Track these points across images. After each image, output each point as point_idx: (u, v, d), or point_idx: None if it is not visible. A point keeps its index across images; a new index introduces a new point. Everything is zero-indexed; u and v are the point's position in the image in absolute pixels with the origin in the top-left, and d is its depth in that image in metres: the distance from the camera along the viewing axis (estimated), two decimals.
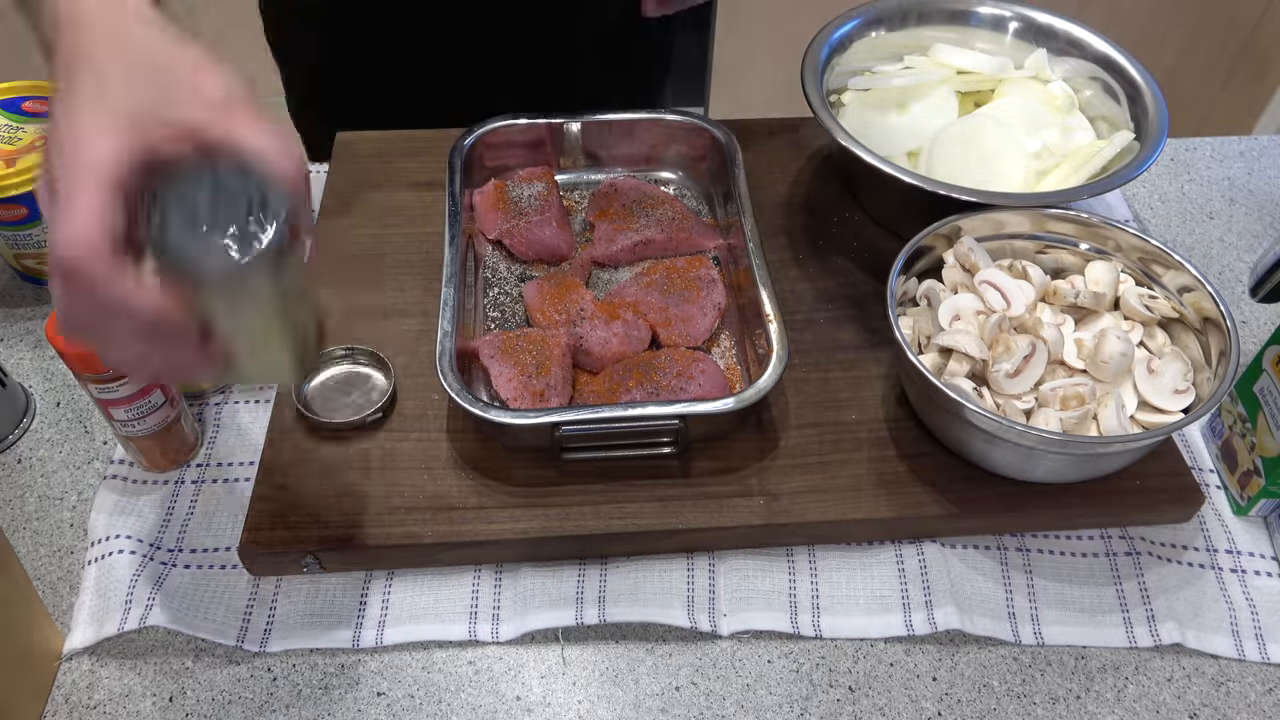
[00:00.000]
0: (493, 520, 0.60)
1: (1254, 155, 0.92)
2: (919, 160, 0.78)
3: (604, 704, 0.57)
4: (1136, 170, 0.70)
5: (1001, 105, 0.79)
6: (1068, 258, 0.68)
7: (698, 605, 0.60)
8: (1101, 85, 0.80)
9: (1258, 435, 0.63)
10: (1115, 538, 0.64)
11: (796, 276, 0.76)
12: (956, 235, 0.67)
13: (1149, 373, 0.61)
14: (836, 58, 0.81)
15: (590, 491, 0.62)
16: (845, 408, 0.67)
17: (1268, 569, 0.63)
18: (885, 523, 0.62)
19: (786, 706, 0.57)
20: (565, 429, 0.60)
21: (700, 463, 0.63)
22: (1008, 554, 0.63)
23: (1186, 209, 0.87)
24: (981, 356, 0.60)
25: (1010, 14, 0.84)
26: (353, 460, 0.63)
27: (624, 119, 0.81)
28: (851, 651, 0.59)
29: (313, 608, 0.60)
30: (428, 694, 0.57)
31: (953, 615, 0.59)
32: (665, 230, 0.75)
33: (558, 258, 0.76)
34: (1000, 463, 0.61)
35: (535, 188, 0.77)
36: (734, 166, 0.76)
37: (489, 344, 0.66)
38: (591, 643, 0.59)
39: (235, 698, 0.57)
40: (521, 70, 0.90)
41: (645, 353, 0.68)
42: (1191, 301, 0.64)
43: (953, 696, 0.57)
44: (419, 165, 0.83)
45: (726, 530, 0.61)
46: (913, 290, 0.67)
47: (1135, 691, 0.58)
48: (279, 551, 0.59)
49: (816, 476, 0.63)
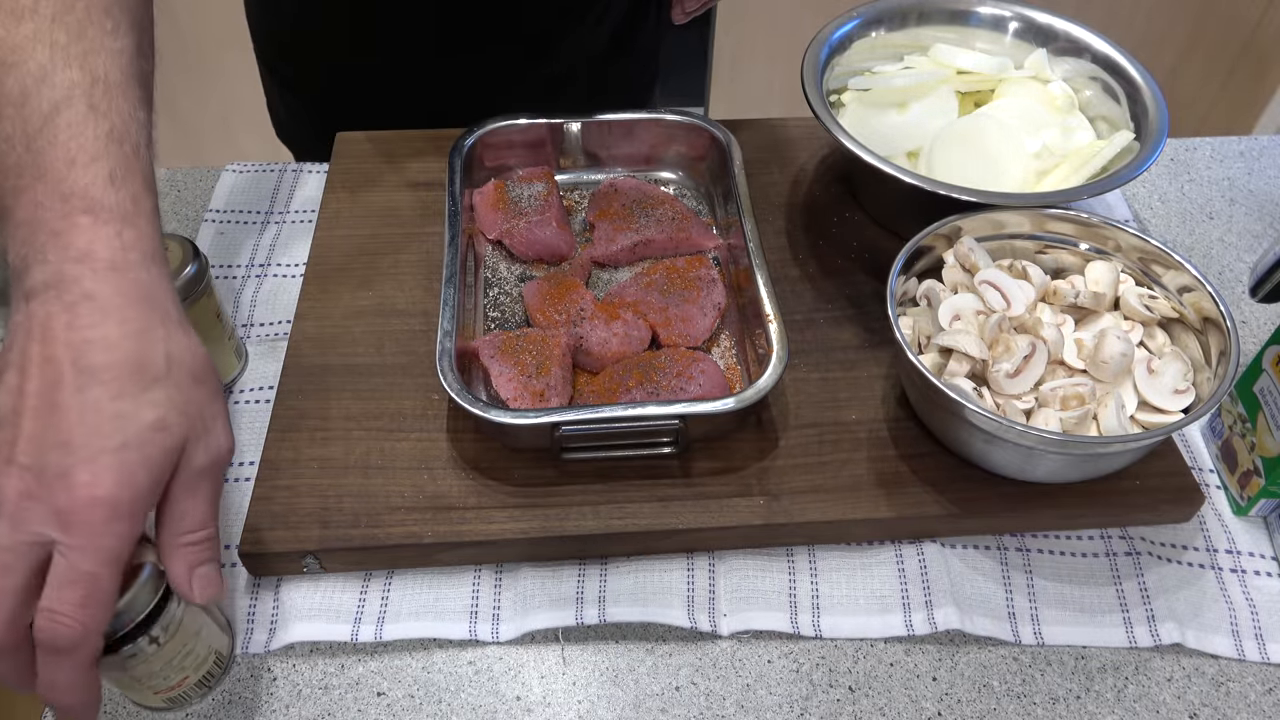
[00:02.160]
0: (493, 520, 0.60)
1: (1254, 155, 0.92)
2: (919, 160, 0.78)
3: (604, 704, 0.57)
4: (1136, 170, 0.70)
5: (1001, 105, 0.79)
6: (1068, 258, 0.68)
7: (698, 605, 0.60)
8: (1101, 85, 0.80)
9: (1258, 435, 0.63)
10: (1115, 538, 0.64)
11: (796, 276, 0.76)
12: (956, 235, 0.67)
13: (1149, 373, 0.61)
14: (836, 58, 0.81)
15: (590, 491, 0.62)
16: (845, 408, 0.67)
17: (1268, 569, 0.63)
18: (885, 523, 0.62)
19: (786, 706, 0.57)
20: (565, 429, 0.60)
21: (700, 463, 0.63)
22: (1008, 554, 0.63)
23: (1186, 209, 0.87)
24: (981, 356, 0.60)
25: (1010, 14, 0.84)
26: (353, 460, 0.63)
27: (624, 119, 0.81)
28: (851, 651, 0.59)
29: (313, 607, 0.60)
30: (428, 694, 0.57)
31: (953, 615, 0.59)
32: (665, 230, 0.75)
33: (558, 258, 0.76)
34: (1000, 463, 0.61)
35: (535, 188, 0.77)
36: (734, 166, 0.76)
37: (489, 344, 0.66)
38: (591, 643, 0.59)
39: (235, 697, 0.57)
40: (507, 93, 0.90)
41: (645, 353, 0.68)
42: (1191, 301, 0.64)
43: (953, 696, 0.57)
44: (419, 165, 0.83)
45: (726, 530, 0.61)
46: (913, 290, 0.67)
47: (1135, 691, 0.58)
48: (279, 551, 0.59)
49: (816, 476, 0.63)
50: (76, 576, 0.41)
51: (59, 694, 0.43)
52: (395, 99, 0.90)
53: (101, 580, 0.42)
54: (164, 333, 0.44)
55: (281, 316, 0.75)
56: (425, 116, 0.86)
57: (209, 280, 0.65)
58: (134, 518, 0.42)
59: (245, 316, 0.75)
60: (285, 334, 0.73)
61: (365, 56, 0.90)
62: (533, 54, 0.90)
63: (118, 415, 0.42)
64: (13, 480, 0.41)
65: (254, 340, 0.74)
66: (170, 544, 0.45)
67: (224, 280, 0.78)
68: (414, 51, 0.88)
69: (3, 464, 0.41)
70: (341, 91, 0.93)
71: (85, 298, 0.43)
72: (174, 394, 0.44)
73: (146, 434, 0.42)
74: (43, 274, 0.43)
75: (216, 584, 0.47)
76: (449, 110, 0.84)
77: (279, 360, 0.70)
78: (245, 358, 0.72)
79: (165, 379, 0.44)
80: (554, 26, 0.89)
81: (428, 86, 0.90)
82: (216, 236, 0.81)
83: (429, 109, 0.86)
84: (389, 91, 0.91)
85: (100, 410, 0.42)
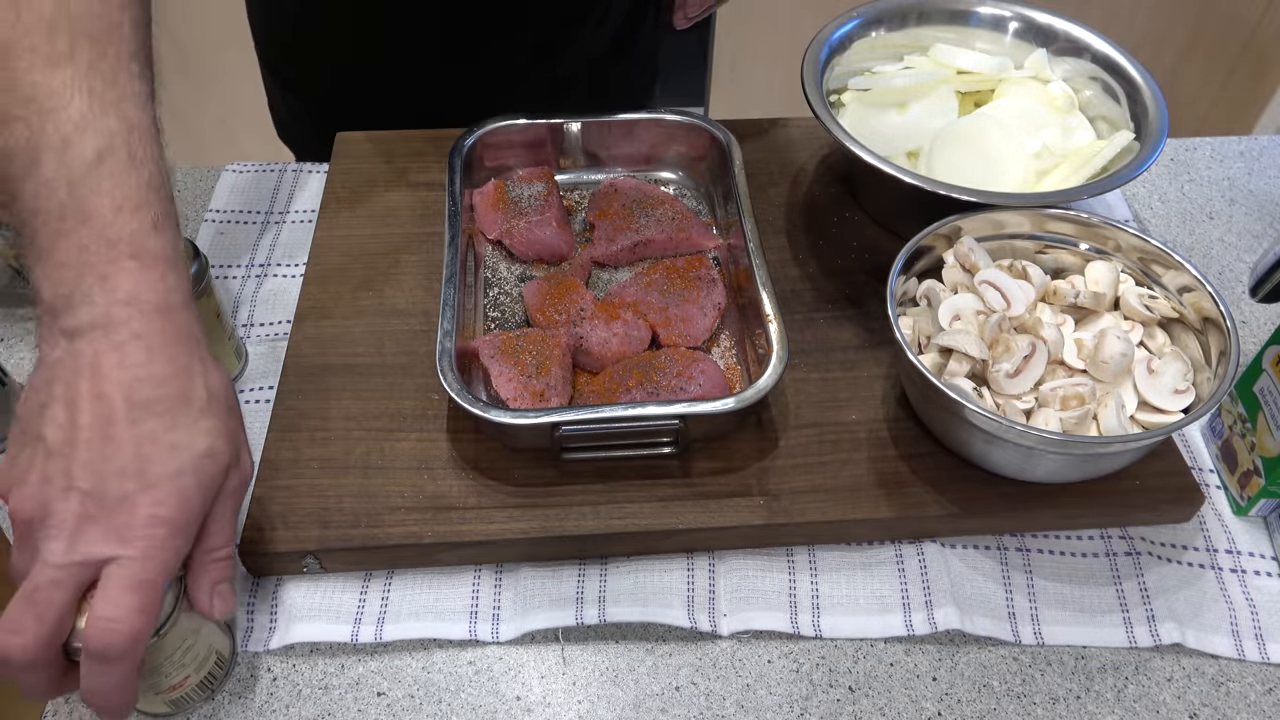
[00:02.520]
0: (493, 520, 0.60)
1: (1254, 155, 0.92)
2: (919, 160, 0.78)
3: (604, 704, 0.57)
4: (1136, 170, 0.70)
5: (1001, 105, 0.79)
6: (1068, 258, 0.68)
7: (698, 605, 0.60)
8: (1101, 85, 0.80)
9: (1258, 435, 0.63)
10: (1115, 538, 0.64)
11: (796, 276, 0.76)
12: (956, 235, 0.67)
13: (1149, 373, 0.61)
14: (836, 58, 0.81)
15: (590, 491, 0.62)
16: (845, 408, 0.67)
17: (1268, 569, 0.63)
18: (885, 523, 0.62)
19: (786, 706, 0.57)
20: (565, 429, 0.60)
21: (700, 463, 0.63)
22: (1008, 554, 0.63)
23: (1186, 209, 0.87)
24: (981, 356, 0.60)
25: (1010, 14, 0.84)
26: (353, 460, 0.63)
27: (624, 119, 0.81)
28: (851, 651, 0.59)
29: (313, 607, 0.60)
30: (428, 694, 0.57)
31: (953, 615, 0.59)
32: (665, 230, 0.75)
33: (558, 258, 0.76)
34: (1000, 463, 0.61)
35: (535, 188, 0.77)
36: (734, 166, 0.76)
37: (489, 344, 0.66)
38: (591, 643, 0.59)
39: (235, 697, 0.57)
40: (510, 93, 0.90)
41: (645, 353, 0.68)
42: (1191, 301, 0.64)
43: (953, 696, 0.57)
44: (419, 165, 0.83)
45: (726, 530, 0.61)
46: (913, 290, 0.67)
47: (1135, 691, 0.58)
48: (279, 551, 0.59)
49: (816, 476, 0.63)
50: (136, 584, 0.44)
51: (105, 698, 0.45)
52: (398, 102, 0.90)
53: (157, 589, 0.45)
54: (203, 368, 0.48)
55: (281, 316, 0.75)
56: (427, 119, 0.86)
57: (209, 280, 0.65)
58: (189, 536, 0.47)
59: (245, 316, 0.75)
60: (285, 334, 0.73)
61: (368, 60, 0.89)
62: (535, 58, 0.90)
63: (173, 445, 0.46)
64: (73, 504, 0.44)
65: (254, 340, 0.74)
66: (200, 560, 0.49)
67: (224, 280, 0.78)
68: (417, 56, 0.88)
69: (61, 489, 0.44)
70: (343, 94, 0.93)
71: (134, 337, 0.45)
72: (217, 424, 0.47)
73: (200, 461, 0.46)
74: (90, 314, 0.45)
75: (233, 602, 0.51)
76: (451, 113, 0.84)
77: (279, 360, 0.70)
78: (245, 358, 0.72)
79: (209, 410, 0.47)
80: (556, 30, 0.89)
81: (430, 90, 0.90)
82: (216, 236, 0.81)
83: (431, 111, 0.86)
84: (391, 94, 0.91)
85: (156, 441, 0.45)
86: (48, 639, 0.44)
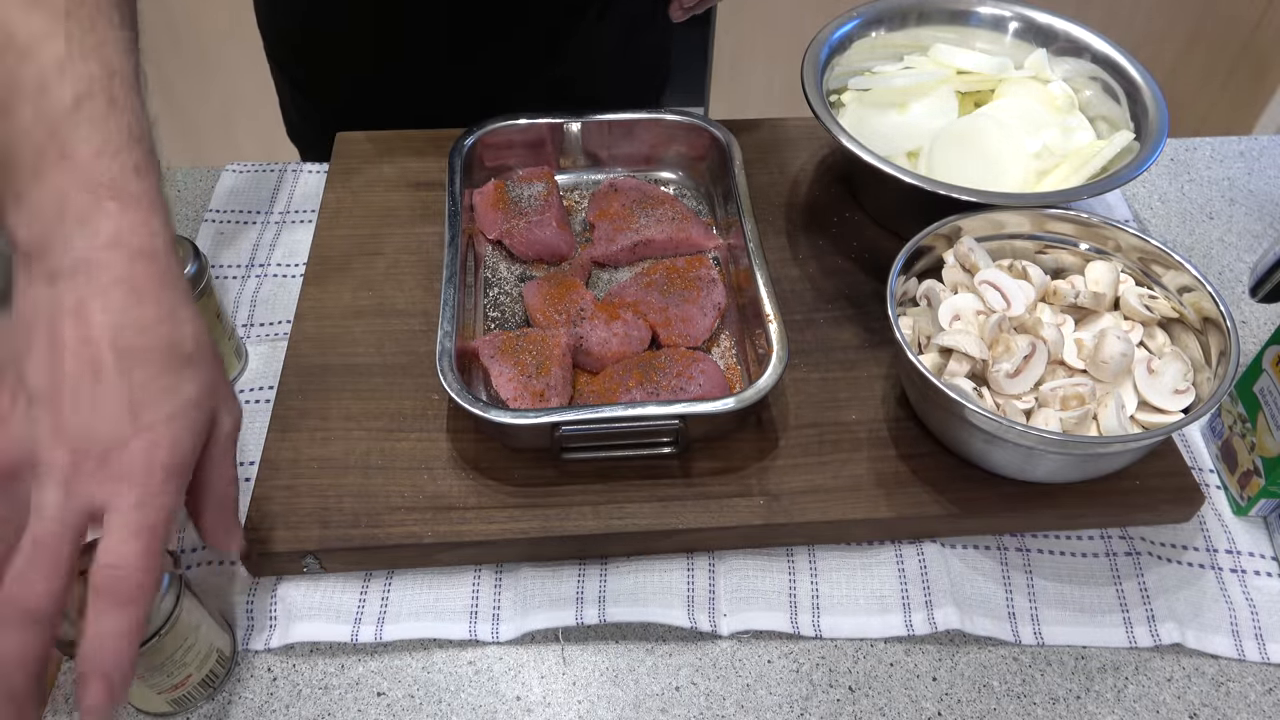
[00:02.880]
0: (493, 520, 0.60)
1: (1254, 155, 0.93)
2: (919, 160, 0.78)
3: (604, 704, 0.57)
4: (1136, 170, 0.70)
5: (1001, 105, 0.79)
6: (1068, 258, 0.68)
7: (698, 605, 0.60)
8: (1101, 85, 0.80)
9: (1258, 435, 0.63)
10: (1115, 538, 0.64)
11: (796, 276, 0.76)
12: (956, 235, 0.67)
13: (1149, 373, 0.61)
14: (836, 58, 0.81)
15: (590, 491, 0.62)
16: (845, 408, 0.67)
17: (1268, 569, 0.63)
18: (885, 523, 0.62)
19: (786, 706, 0.57)
20: (565, 429, 0.60)
21: (700, 463, 0.63)
22: (1008, 554, 0.63)
23: (1186, 209, 0.87)
24: (981, 356, 0.60)
25: (1010, 14, 0.84)
26: (353, 460, 0.63)
27: (624, 119, 0.81)
28: (851, 651, 0.59)
29: (312, 607, 0.60)
30: (428, 694, 0.57)
31: (953, 615, 0.59)
32: (665, 230, 0.75)
33: (558, 258, 0.76)
34: (1000, 463, 0.61)
35: (535, 188, 0.77)
36: (734, 166, 0.76)
37: (489, 344, 0.66)
38: (591, 643, 0.59)
39: (235, 697, 0.57)
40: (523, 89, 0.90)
41: (645, 353, 0.68)
42: (1191, 301, 0.64)
43: (953, 696, 0.57)
44: (419, 165, 0.83)
45: (726, 530, 0.61)
46: (913, 290, 0.67)
47: (1135, 691, 0.58)
48: (279, 551, 0.59)
49: (816, 476, 0.63)
50: (139, 529, 0.43)
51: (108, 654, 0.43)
52: (406, 102, 0.90)
53: (160, 533, 0.44)
54: (187, 314, 0.47)
55: (281, 316, 0.75)
56: (435, 120, 0.86)
57: (209, 280, 0.65)
58: (185, 479, 0.45)
59: (245, 316, 0.75)
60: (285, 334, 0.73)
61: (377, 61, 0.89)
62: (542, 54, 0.90)
63: (163, 390, 0.44)
64: (63, 452, 0.43)
65: (254, 340, 0.74)
66: (210, 499, 0.49)
67: (224, 280, 0.78)
68: (427, 57, 0.88)
69: (51, 436, 0.43)
70: (353, 94, 0.93)
71: (118, 282, 0.44)
72: (203, 370, 0.47)
73: (189, 407, 0.45)
74: (71, 258, 0.44)
75: (240, 538, 0.51)
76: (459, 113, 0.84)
77: (279, 360, 0.70)
78: (245, 358, 0.72)
79: (195, 356, 0.46)
80: (561, 19, 0.88)
81: (439, 90, 0.90)
82: (216, 236, 0.81)
83: (439, 112, 0.86)
84: (400, 94, 0.90)
85: (146, 387, 0.44)
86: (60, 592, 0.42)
